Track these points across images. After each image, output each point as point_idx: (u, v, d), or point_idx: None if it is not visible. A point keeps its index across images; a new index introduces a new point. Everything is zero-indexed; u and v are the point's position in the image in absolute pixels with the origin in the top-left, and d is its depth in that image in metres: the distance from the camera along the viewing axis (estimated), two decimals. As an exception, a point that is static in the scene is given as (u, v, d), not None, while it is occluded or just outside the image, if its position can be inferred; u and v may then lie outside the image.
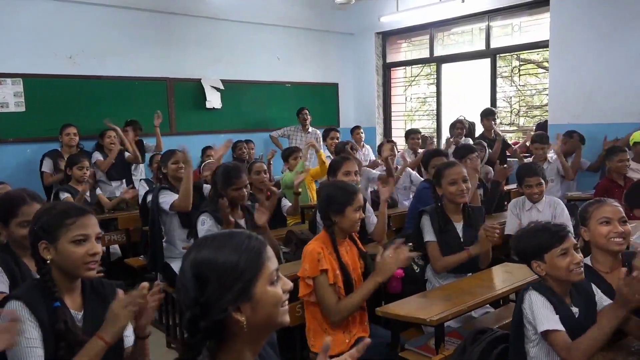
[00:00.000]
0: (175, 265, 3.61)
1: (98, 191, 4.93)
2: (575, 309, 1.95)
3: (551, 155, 5.29)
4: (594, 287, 2.04)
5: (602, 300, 2.01)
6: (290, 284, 1.22)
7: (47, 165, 5.43)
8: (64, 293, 1.70)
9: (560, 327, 1.84)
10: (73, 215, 1.69)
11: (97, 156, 5.62)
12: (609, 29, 5.78)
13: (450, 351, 2.31)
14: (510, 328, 2.04)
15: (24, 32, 5.74)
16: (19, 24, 5.71)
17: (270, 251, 1.20)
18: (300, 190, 4.36)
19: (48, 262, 1.67)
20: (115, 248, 4.76)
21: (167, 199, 3.67)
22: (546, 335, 1.85)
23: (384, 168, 4.94)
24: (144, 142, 6.29)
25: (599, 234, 2.17)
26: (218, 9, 7.15)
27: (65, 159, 4.84)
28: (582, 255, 1.96)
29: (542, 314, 1.86)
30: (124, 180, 5.70)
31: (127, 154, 5.73)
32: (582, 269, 1.93)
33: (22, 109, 5.80)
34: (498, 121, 6.89)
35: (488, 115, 6.37)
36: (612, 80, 5.80)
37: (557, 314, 1.88)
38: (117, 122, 5.91)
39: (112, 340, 1.61)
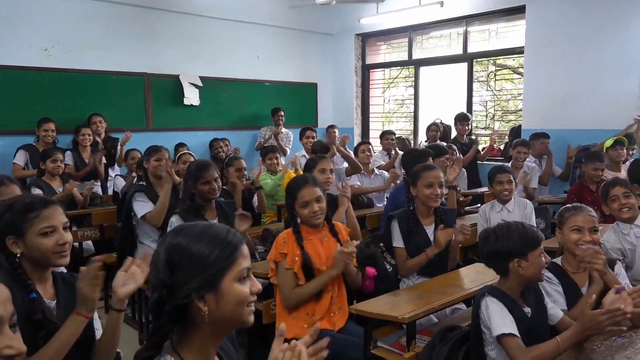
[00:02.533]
0: (149, 261, 3.59)
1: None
2: (527, 309, 2.05)
3: (529, 164, 5.41)
4: (547, 288, 2.18)
5: (549, 303, 2.14)
6: (259, 286, 1.24)
7: (21, 158, 5.34)
8: (36, 283, 1.71)
9: (515, 331, 1.92)
10: (37, 208, 1.71)
11: (69, 160, 5.46)
12: (582, 37, 5.93)
13: (420, 348, 2.36)
14: (471, 333, 2.12)
15: (-2, 22, 5.63)
16: (-7, 14, 5.60)
17: (245, 250, 1.23)
18: (260, 184, 4.51)
19: (18, 255, 1.68)
20: (89, 244, 4.70)
21: (141, 207, 3.64)
22: (500, 339, 1.92)
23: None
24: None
25: (570, 240, 2.31)
26: (199, 5, 7.12)
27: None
28: (559, 259, 2.10)
29: (498, 319, 1.95)
30: (99, 181, 5.63)
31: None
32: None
33: (-6, 101, 5.69)
34: (474, 124, 7.01)
35: (462, 120, 6.50)
36: (585, 87, 5.95)
37: (512, 316, 1.96)
38: (84, 117, 5.85)
39: (89, 314, 1.66)
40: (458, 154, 5.45)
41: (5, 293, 1.00)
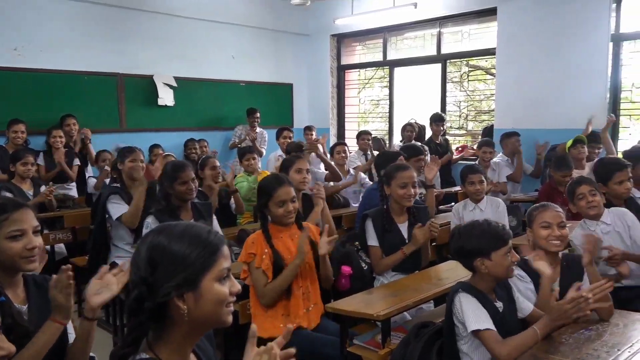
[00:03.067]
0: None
1: (43, 188, 4.76)
2: (499, 304, 2.11)
3: (495, 160, 5.56)
4: (512, 285, 2.22)
5: (519, 298, 2.19)
6: (238, 287, 1.26)
7: None
8: (6, 287, 1.68)
9: (490, 325, 1.97)
10: (7, 211, 1.68)
11: (40, 161, 5.38)
12: (552, 39, 6.07)
13: (395, 345, 2.39)
14: (444, 328, 2.16)
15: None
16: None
17: (226, 250, 1.24)
18: (236, 187, 4.52)
19: None
20: (61, 247, 4.61)
21: (117, 209, 3.60)
22: (477, 333, 1.97)
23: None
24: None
25: (540, 236, 2.38)
26: (172, 5, 7.06)
27: (11, 156, 4.66)
28: (530, 256, 2.13)
29: (473, 315, 1.99)
30: (72, 184, 5.54)
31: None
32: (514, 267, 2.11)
33: (-39, 101, 5.56)
34: (448, 125, 7.11)
35: (437, 120, 6.60)
36: (554, 88, 6.09)
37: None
38: (56, 117, 5.76)
39: (65, 320, 1.65)
40: (430, 155, 5.56)
41: None
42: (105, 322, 4.00)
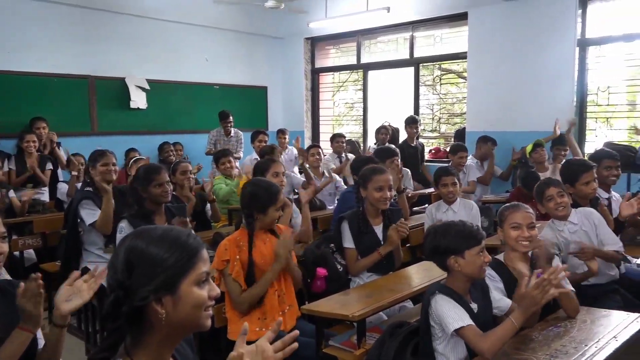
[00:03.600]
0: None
1: (11, 194, 4.66)
2: (474, 305, 2.14)
3: (468, 162, 5.66)
4: (489, 285, 2.26)
5: (496, 297, 2.23)
6: (217, 291, 1.25)
7: None
8: None
9: (470, 321, 2.00)
10: None
11: (12, 165, 5.28)
12: (521, 43, 6.22)
13: (371, 345, 2.41)
14: (420, 329, 2.19)
15: None
16: None
17: (205, 254, 1.24)
18: (214, 197, 4.46)
19: None
20: (30, 253, 4.51)
21: (89, 215, 3.54)
22: (458, 332, 2.00)
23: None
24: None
25: (510, 236, 2.43)
26: (145, 7, 6.99)
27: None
28: (501, 255, 2.17)
29: (451, 314, 2.02)
30: (45, 189, 5.43)
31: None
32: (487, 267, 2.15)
33: None
34: (421, 127, 7.19)
35: (411, 123, 6.65)
36: (524, 91, 6.24)
37: None
38: (25, 120, 5.66)
39: (35, 329, 1.63)
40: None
41: None
42: (76, 329, 3.93)
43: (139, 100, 7.01)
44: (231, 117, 7.02)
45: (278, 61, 8.86)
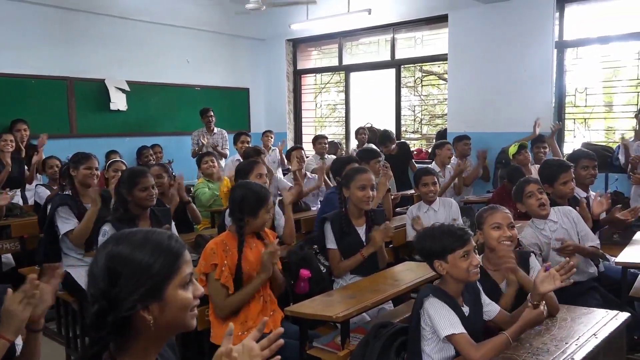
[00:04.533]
0: (75, 273, 3.44)
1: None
2: (466, 308, 2.13)
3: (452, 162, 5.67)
4: (480, 289, 2.24)
5: (485, 301, 2.22)
6: (201, 290, 1.25)
7: None
8: None
9: (462, 329, 1.99)
10: None
11: None
12: (500, 45, 6.30)
13: (355, 346, 2.41)
14: (409, 329, 2.18)
15: None
16: None
17: (187, 255, 1.22)
18: (188, 199, 4.35)
19: None
20: (8, 257, 4.42)
21: (64, 224, 3.47)
22: (450, 338, 1.99)
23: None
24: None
25: (491, 237, 2.42)
26: (125, 8, 6.92)
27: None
28: (479, 257, 2.14)
29: (444, 320, 2.00)
30: (18, 190, 5.32)
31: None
32: (478, 269, 2.11)
33: None
34: (403, 129, 7.22)
35: (385, 142, 6.33)
36: (503, 92, 6.32)
37: None
38: (3, 122, 5.55)
39: (14, 336, 1.59)
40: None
41: None
42: (56, 334, 3.86)
43: (118, 102, 6.93)
44: (212, 112, 6.98)
45: (260, 63, 8.84)
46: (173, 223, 3.45)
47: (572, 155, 4.01)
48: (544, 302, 2.04)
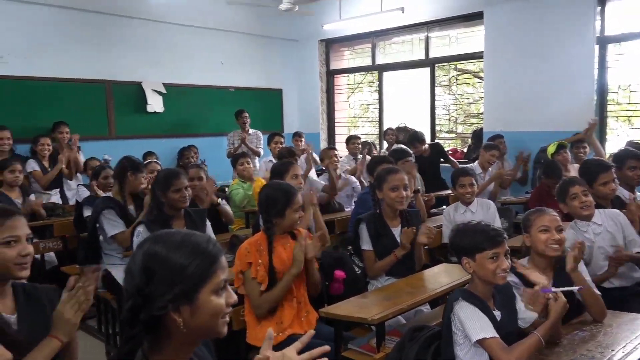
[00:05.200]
0: (115, 272, 3.52)
1: (32, 197, 4.71)
2: (497, 312, 2.06)
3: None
4: (516, 294, 2.16)
5: (522, 307, 2.12)
6: (234, 298, 1.24)
7: None
8: None
9: (494, 333, 1.93)
10: (2, 217, 1.67)
11: (34, 166, 5.36)
12: (538, 41, 6.14)
13: (390, 349, 2.38)
14: (441, 333, 2.13)
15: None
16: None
17: (224, 261, 1.21)
18: (219, 201, 4.27)
19: None
20: (51, 256, 4.56)
21: (111, 227, 3.57)
22: (481, 342, 1.93)
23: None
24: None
25: (539, 240, 2.35)
26: (160, 11, 7.04)
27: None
28: (510, 262, 2.06)
29: (475, 324, 1.95)
30: (57, 190, 5.49)
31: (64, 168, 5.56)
32: (507, 274, 2.04)
33: (-52, 109, 5.49)
34: (437, 128, 7.12)
35: (414, 141, 6.18)
36: (542, 90, 6.16)
37: None
38: (45, 125, 5.75)
39: (67, 338, 1.62)
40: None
41: None
42: (97, 330, 3.96)
43: (155, 103, 7.07)
44: (246, 113, 7.04)
45: (293, 63, 8.87)
46: (209, 223, 3.48)
47: (618, 155, 3.86)
48: (559, 290, 1.98)
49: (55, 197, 5.37)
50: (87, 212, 4.06)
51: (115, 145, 6.24)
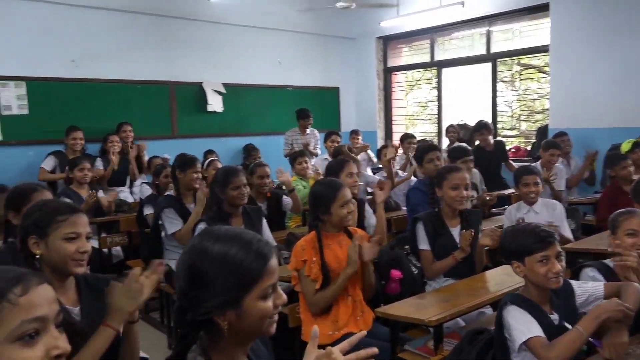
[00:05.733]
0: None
1: (100, 194, 4.94)
2: (554, 316, 1.97)
3: (558, 165, 5.22)
4: (577, 289, 2.06)
5: (587, 304, 2.02)
6: (283, 298, 1.22)
7: (49, 163, 5.48)
8: (56, 289, 1.72)
9: (538, 332, 1.85)
10: (65, 213, 1.73)
11: (99, 165, 5.65)
12: (608, 34, 5.81)
13: (448, 352, 2.32)
14: (494, 339, 2.06)
15: (26, 35, 5.78)
16: (22, 27, 5.75)
17: (274, 264, 1.19)
18: (294, 186, 4.35)
19: (37, 257, 1.70)
20: (118, 250, 4.78)
21: (171, 225, 3.68)
22: (527, 344, 1.86)
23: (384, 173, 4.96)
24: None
25: (625, 244, 2.25)
26: (219, 12, 7.20)
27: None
28: (563, 265, 1.97)
29: (520, 327, 1.89)
30: (123, 188, 5.75)
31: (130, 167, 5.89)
32: (560, 277, 1.94)
33: (25, 111, 5.83)
34: (500, 126, 6.86)
35: (480, 129, 6.06)
36: (611, 85, 5.83)
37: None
38: (111, 125, 6.02)
39: (120, 326, 1.65)
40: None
41: (50, 293, 0.99)
42: (159, 323, 4.10)
43: (215, 103, 7.24)
44: (311, 117, 6.96)
45: (350, 61, 8.84)
46: (265, 221, 3.52)
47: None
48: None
49: (124, 194, 5.63)
50: (147, 210, 4.23)
51: (177, 144, 6.43)
